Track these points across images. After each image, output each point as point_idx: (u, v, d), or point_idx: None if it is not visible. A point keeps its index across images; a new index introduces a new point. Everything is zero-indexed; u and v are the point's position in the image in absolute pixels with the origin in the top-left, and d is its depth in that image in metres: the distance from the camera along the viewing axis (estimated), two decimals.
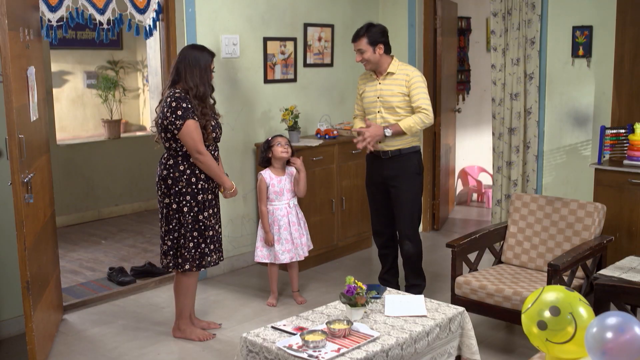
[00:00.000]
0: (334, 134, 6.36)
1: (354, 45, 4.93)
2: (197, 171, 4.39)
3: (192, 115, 4.27)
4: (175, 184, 4.38)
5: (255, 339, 3.36)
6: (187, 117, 4.25)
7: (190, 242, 4.43)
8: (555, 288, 2.76)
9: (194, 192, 4.38)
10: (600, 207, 4.57)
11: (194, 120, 4.27)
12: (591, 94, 5.89)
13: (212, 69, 4.45)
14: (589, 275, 4.39)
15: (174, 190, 4.38)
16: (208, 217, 4.48)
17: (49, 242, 4.68)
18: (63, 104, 8.31)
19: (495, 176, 6.52)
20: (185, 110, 4.26)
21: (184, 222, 4.40)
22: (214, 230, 4.55)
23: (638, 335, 2.35)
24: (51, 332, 4.57)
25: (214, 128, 4.44)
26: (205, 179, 4.44)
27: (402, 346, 3.34)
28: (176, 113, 4.26)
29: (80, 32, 8.17)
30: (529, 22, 6.09)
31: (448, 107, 7.60)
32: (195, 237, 4.43)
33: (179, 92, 4.32)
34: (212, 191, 4.51)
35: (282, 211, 5.12)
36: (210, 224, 4.50)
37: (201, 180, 4.42)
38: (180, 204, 4.39)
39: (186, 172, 4.38)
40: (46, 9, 4.80)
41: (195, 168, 4.39)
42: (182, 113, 4.25)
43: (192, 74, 4.33)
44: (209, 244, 4.52)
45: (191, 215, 4.40)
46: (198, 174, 4.40)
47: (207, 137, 4.36)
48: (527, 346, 4.17)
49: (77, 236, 7.35)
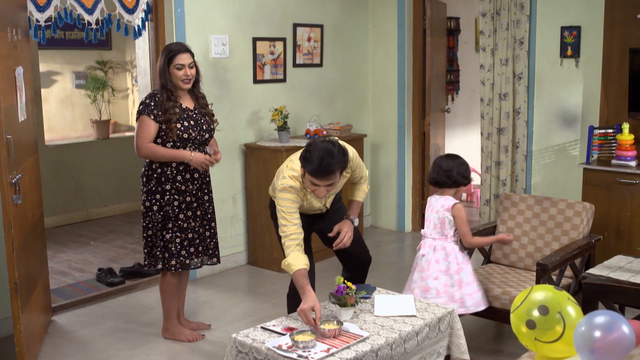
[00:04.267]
0: (324, 134, 6.36)
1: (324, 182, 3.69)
2: (169, 172, 4.36)
3: (150, 112, 4.28)
4: (148, 182, 4.40)
5: (244, 340, 3.35)
6: (143, 113, 4.30)
7: (161, 242, 4.43)
8: (544, 287, 2.77)
9: (164, 191, 4.37)
10: (588, 207, 4.59)
11: (149, 117, 4.27)
12: (579, 94, 5.92)
13: (177, 66, 4.29)
14: (577, 275, 4.41)
15: (146, 188, 4.41)
16: (186, 219, 4.44)
17: (38, 243, 4.65)
18: (52, 105, 8.27)
19: (483, 176, 6.54)
20: (145, 107, 4.30)
21: (155, 221, 4.41)
22: (193, 232, 4.49)
23: (626, 334, 2.37)
24: (40, 333, 4.55)
25: (186, 129, 4.34)
26: (183, 181, 4.40)
27: (392, 346, 3.34)
28: (138, 108, 4.34)
29: (68, 32, 8.14)
30: (517, 23, 6.11)
31: (437, 107, 7.61)
32: (164, 236, 4.41)
33: (153, 90, 4.41)
34: (192, 193, 4.45)
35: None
36: (189, 226, 4.47)
37: (177, 182, 4.38)
38: (151, 202, 4.40)
39: (157, 170, 4.37)
40: (34, 8, 4.78)
41: (168, 168, 4.36)
42: (141, 108, 4.32)
43: (158, 72, 4.38)
44: (187, 247, 4.47)
45: (161, 214, 4.39)
46: (169, 174, 4.36)
47: (170, 134, 4.30)
48: (516, 345, 4.18)
49: (65, 237, 7.32)
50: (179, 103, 4.36)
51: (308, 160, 3.63)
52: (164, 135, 4.32)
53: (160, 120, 4.29)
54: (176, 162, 4.36)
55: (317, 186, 3.69)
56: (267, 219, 5.99)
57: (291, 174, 3.84)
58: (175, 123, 4.30)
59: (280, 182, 3.85)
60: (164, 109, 4.28)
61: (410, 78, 7.13)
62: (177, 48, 4.36)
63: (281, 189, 3.82)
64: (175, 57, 4.31)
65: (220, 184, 5.95)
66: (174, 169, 4.37)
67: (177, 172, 4.39)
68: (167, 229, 4.41)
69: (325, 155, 3.60)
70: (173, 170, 4.37)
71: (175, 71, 4.31)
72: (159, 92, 4.34)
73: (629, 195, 5.07)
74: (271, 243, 6.04)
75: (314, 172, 3.62)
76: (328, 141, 3.70)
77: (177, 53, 4.32)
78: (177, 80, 4.32)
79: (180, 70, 4.31)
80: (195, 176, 4.45)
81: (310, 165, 3.62)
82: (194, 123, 4.40)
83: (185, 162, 4.36)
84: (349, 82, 7.19)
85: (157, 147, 4.31)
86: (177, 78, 4.32)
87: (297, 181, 3.81)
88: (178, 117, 4.32)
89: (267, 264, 6.12)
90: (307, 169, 3.65)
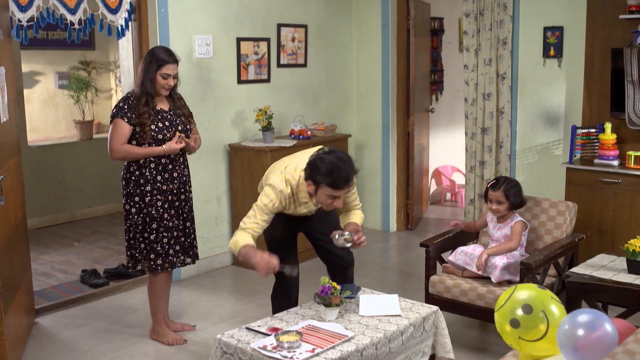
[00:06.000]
0: (308, 135, 6.36)
1: (344, 191, 3.68)
2: (148, 173, 4.36)
3: (124, 115, 4.28)
4: (127, 184, 4.40)
5: (229, 340, 3.35)
6: (117, 116, 4.31)
7: (141, 244, 4.44)
8: (528, 286, 2.79)
9: (144, 193, 4.37)
10: (571, 206, 4.62)
11: (123, 120, 4.28)
12: (562, 93, 5.96)
13: (163, 74, 4.31)
14: (560, 274, 4.44)
15: (126, 191, 4.41)
16: (170, 218, 4.46)
17: (20, 244, 4.62)
18: (34, 105, 8.22)
19: (468, 175, 6.56)
20: (119, 110, 4.31)
21: (134, 223, 4.42)
22: (178, 230, 4.52)
23: (609, 332, 2.38)
24: (23, 335, 4.52)
25: (160, 129, 4.35)
26: (163, 180, 4.40)
27: (377, 345, 3.34)
28: (112, 111, 4.35)
29: (51, 32, 8.08)
30: (500, 23, 6.14)
31: (421, 107, 7.63)
32: (146, 237, 4.42)
33: (127, 93, 4.41)
34: (172, 192, 4.46)
35: None
36: (174, 224, 4.49)
37: (157, 182, 4.38)
38: (130, 205, 4.41)
39: (135, 173, 4.37)
40: (16, 8, 4.74)
41: (146, 170, 4.36)
42: (115, 111, 4.33)
43: (139, 74, 4.36)
44: (174, 245, 4.50)
45: (141, 216, 4.40)
46: (149, 176, 4.36)
47: (144, 137, 4.32)
48: (501, 344, 4.20)
49: (49, 238, 7.27)
50: (152, 105, 4.36)
51: (324, 174, 3.58)
52: (138, 138, 4.33)
53: (134, 122, 4.30)
54: (154, 157, 4.36)
55: (335, 198, 3.65)
56: None
57: (287, 178, 3.79)
58: (150, 125, 4.32)
59: (273, 180, 3.80)
60: (138, 112, 4.29)
61: (394, 78, 7.15)
62: (168, 58, 4.35)
63: (270, 185, 3.78)
64: (164, 67, 4.33)
65: (205, 184, 5.94)
66: (153, 169, 4.37)
67: (157, 173, 4.39)
68: (151, 230, 4.41)
69: (341, 164, 3.60)
70: (152, 171, 4.37)
71: (160, 79, 4.33)
72: (132, 94, 4.35)
73: (612, 195, 5.11)
74: (257, 244, 6.02)
75: (333, 183, 3.58)
76: (331, 152, 3.69)
77: (167, 63, 4.33)
78: (159, 87, 4.35)
79: (165, 80, 4.35)
80: (174, 175, 4.47)
81: (329, 178, 3.57)
82: (169, 124, 4.41)
83: (162, 162, 4.38)
84: (333, 82, 7.19)
85: (130, 147, 4.33)
86: (160, 85, 4.35)
87: (289, 187, 3.79)
88: (152, 119, 4.34)
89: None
90: (325, 182, 3.59)
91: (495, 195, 4.42)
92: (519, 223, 4.39)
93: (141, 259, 4.48)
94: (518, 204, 4.43)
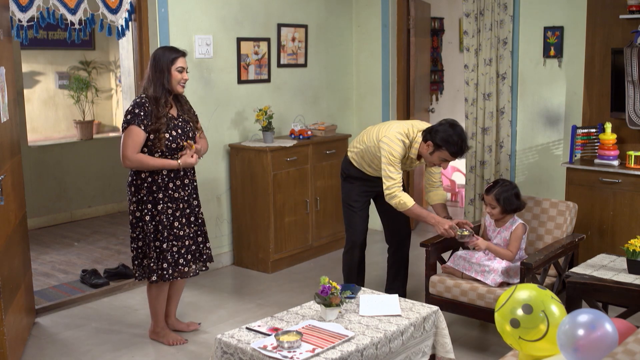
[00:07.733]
0: (308, 134, 6.36)
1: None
2: (160, 180, 4.28)
3: (140, 122, 4.17)
4: (137, 191, 4.31)
5: (229, 340, 3.35)
6: (132, 123, 4.17)
7: (154, 252, 4.34)
8: (528, 286, 2.79)
9: (156, 200, 4.29)
10: (572, 206, 4.62)
11: (139, 127, 4.17)
12: (562, 93, 5.95)
13: (178, 68, 4.27)
14: (561, 273, 4.45)
15: (136, 197, 4.32)
16: (181, 226, 4.39)
17: (20, 244, 4.62)
18: (34, 105, 8.22)
19: (468, 175, 6.56)
20: (135, 117, 4.17)
21: (147, 232, 4.32)
22: (189, 239, 4.45)
23: (609, 332, 2.38)
24: (23, 335, 4.52)
25: (175, 138, 4.28)
26: (175, 188, 4.35)
27: (377, 345, 3.35)
28: (126, 117, 4.21)
29: (51, 32, 8.09)
30: (501, 23, 6.14)
31: (422, 107, 7.63)
32: (159, 246, 4.33)
33: (139, 98, 4.26)
34: (184, 200, 4.40)
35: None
36: (185, 233, 4.42)
37: (169, 190, 4.32)
38: (142, 212, 4.32)
39: (147, 179, 4.29)
40: (16, 8, 4.74)
41: (159, 177, 4.28)
42: (130, 118, 4.19)
43: (151, 76, 4.27)
44: (185, 254, 4.42)
45: (152, 224, 4.31)
46: (160, 183, 4.29)
47: (158, 144, 4.24)
48: (501, 344, 4.21)
49: (49, 238, 7.28)
50: (169, 106, 4.31)
51: (451, 143, 4.27)
52: (151, 145, 4.24)
53: (150, 130, 4.21)
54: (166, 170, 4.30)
55: (446, 162, 4.40)
56: (252, 219, 6.01)
57: (407, 132, 4.48)
58: (164, 133, 4.24)
59: (393, 132, 4.45)
60: (156, 117, 4.19)
61: (394, 78, 7.15)
62: (178, 52, 4.31)
63: (393, 137, 4.43)
64: (177, 60, 4.27)
65: (205, 184, 5.94)
66: (165, 176, 4.30)
67: (169, 180, 4.32)
68: (163, 238, 4.32)
69: (465, 138, 4.31)
70: (164, 177, 4.30)
71: (176, 73, 4.26)
72: (146, 99, 4.24)
73: (612, 194, 5.11)
74: (256, 243, 6.04)
75: (455, 153, 4.32)
76: (456, 125, 4.34)
77: (179, 56, 4.29)
78: (175, 83, 4.27)
79: (181, 74, 4.28)
80: (185, 182, 4.41)
81: (454, 147, 4.28)
82: (181, 132, 4.34)
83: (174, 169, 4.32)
84: (333, 82, 7.19)
85: (146, 157, 4.22)
86: (176, 81, 4.27)
87: (408, 140, 4.49)
88: (167, 127, 4.26)
89: (252, 264, 6.12)
90: (448, 148, 4.28)
91: (488, 199, 4.43)
92: (520, 227, 4.37)
93: (155, 269, 4.35)
94: (512, 209, 4.41)
